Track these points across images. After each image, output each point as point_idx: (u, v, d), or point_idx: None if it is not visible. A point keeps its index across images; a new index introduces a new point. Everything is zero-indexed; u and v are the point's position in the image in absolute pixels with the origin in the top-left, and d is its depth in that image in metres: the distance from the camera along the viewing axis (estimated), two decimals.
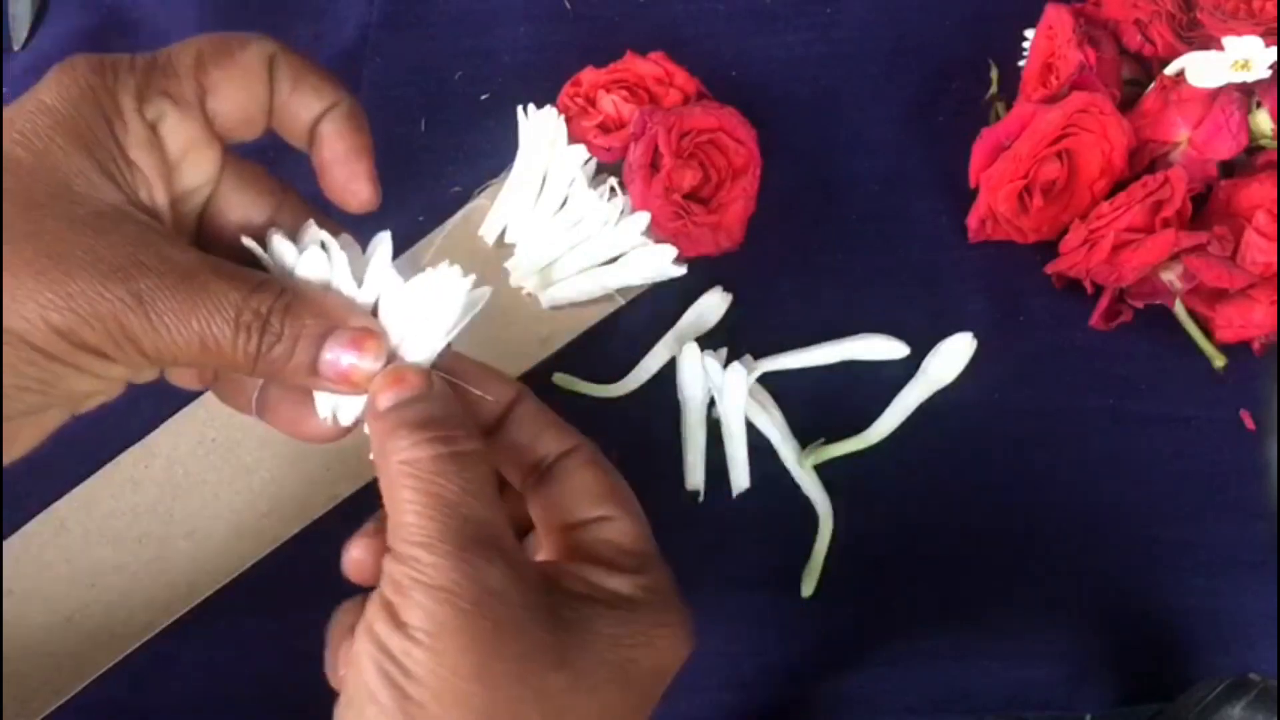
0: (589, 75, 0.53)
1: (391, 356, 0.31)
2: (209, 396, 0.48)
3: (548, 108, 0.48)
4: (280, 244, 0.31)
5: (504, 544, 0.29)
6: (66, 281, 0.27)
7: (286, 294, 0.30)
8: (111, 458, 0.47)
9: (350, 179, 0.32)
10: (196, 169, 0.32)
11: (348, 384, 0.30)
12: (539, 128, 0.46)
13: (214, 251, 0.31)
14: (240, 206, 0.33)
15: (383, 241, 0.31)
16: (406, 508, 0.28)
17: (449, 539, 0.28)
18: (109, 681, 0.43)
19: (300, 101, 0.32)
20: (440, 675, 0.27)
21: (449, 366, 0.32)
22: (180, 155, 0.31)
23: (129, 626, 0.44)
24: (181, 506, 0.46)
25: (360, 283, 0.31)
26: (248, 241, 0.31)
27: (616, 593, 0.30)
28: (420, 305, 0.31)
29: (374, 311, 0.31)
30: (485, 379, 0.33)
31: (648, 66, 0.53)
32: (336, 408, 0.32)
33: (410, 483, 0.29)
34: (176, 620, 0.44)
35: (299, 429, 0.33)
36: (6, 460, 0.31)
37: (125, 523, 0.45)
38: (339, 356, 0.30)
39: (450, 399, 0.31)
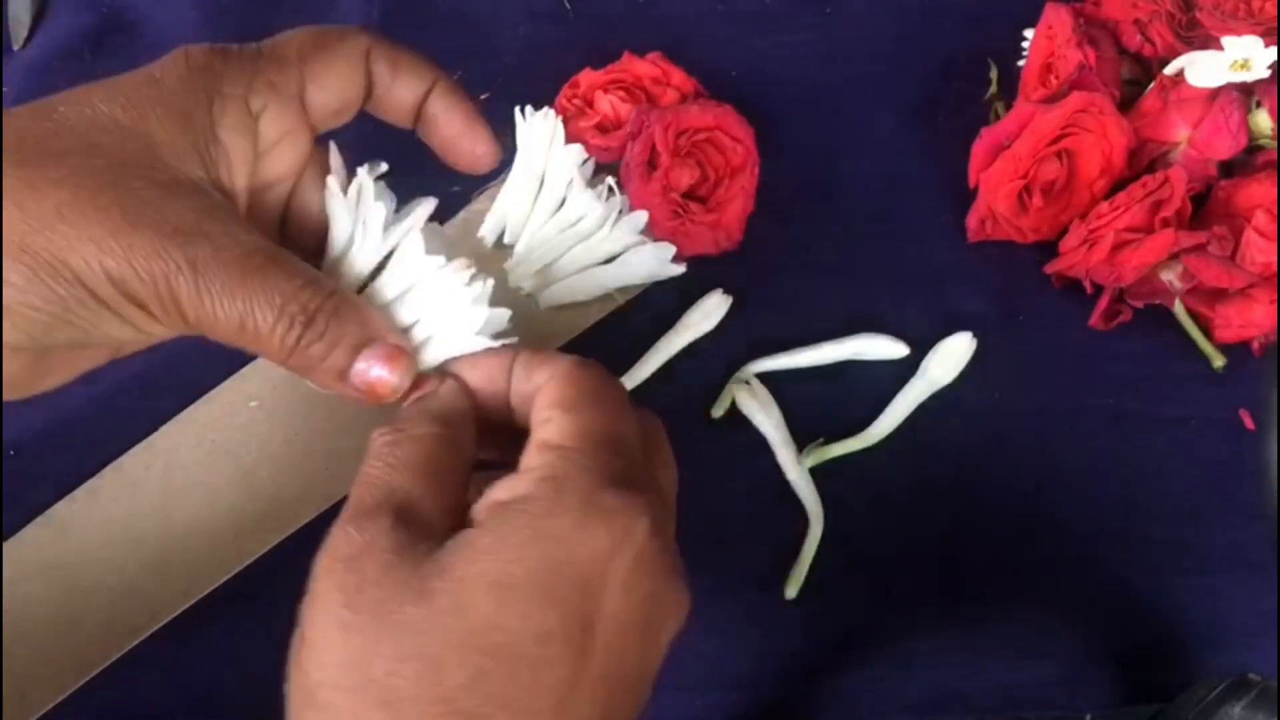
0: (587, 77, 0.53)
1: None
2: (210, 399, 0.48)
3: (545, 109, 0.48)
4: (335, 188, 0.33)
5: (404, 507, 0.29)
6: (129, 233, 0.29)
7: (335, 297, 0.31)
8: (111, 459, 0.47)
9: (475, 145, 0.35)
10: (284, 158, 0.33)
11: (372, 395, 0.32)
12: (536, 129, 0.46)
13: (297, 241, 0.34)
14: (320, 194, 0.34)
15: (422, 206, 0.33)
16: None
17: (349, 508, 0.29)
18: (107, 680, 0.43)
19: (403, 86, 0.34)
20: (314, 628, 0.28)
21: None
22: (272, 144, 0.33)
23: (127, 626, 0.44)
24: (181, 508, 0.46)
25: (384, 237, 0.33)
26: (333, 184, 0.34)
27: (500, 500, 0.29)
28: (442, 303, 0.32)
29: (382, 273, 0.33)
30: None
31: (645, 67, 0.53)
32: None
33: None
34: (174, 619, 0.44)
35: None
36: (40, 389, 0.33)
37: (124, 524, 0.45)
38: (370, 367, 0.31)
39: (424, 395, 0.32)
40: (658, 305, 0.50)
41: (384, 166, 0.34)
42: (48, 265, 0.29)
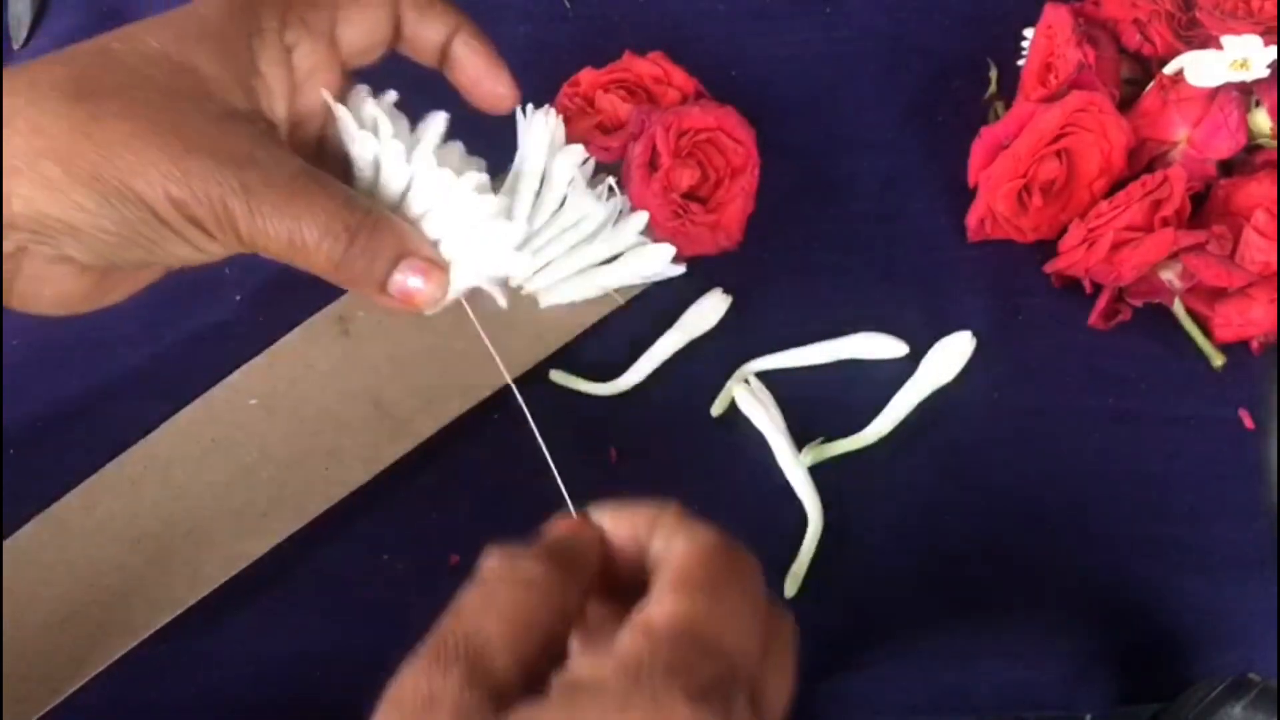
0: (588, 75, 0.53)
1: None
2: (210, 396, 0.48)
3: (545, 107, 0.48)
4: (350, 125, 0.36)
5: (480, 659, 0.28)
6: (188, 160, 0.32)
7: (373, 214, 0.34)
8: (111, 458, 0.47)
9: (495, 86, 0.38)
10: (317, 91, 0.36)
11: (410, 303, 0.35)
12: (537, 128, 0.46)
13: (331, 169, 0.35)
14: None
15: (433, 121, 0.36)
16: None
17: (427, 647, 0.29)
18: (106, 681, 0.43)
19: (429, 29, 0.37)
20: None
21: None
22: (305, 76, 0.36)
23: (127, 626, 0.43)
24: (181, 507, 0.46)
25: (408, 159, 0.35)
26: (328, 99, 0.36)
27: (576, 679, 0.27)
28: (461, 218, 0.35)
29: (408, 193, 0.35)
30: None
31: (646, 66, 0.53)
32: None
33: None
34: (174, 619, 0.44)
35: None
36: (102, 304, 0.36)
37: (124, 522, 0.45)
38: (406, 278, 0.34)
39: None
40: (658, 305, 0.50)
41: (393, 95, 0.37)
42: (116, 191, 0.31)
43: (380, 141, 0.35)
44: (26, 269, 0.34)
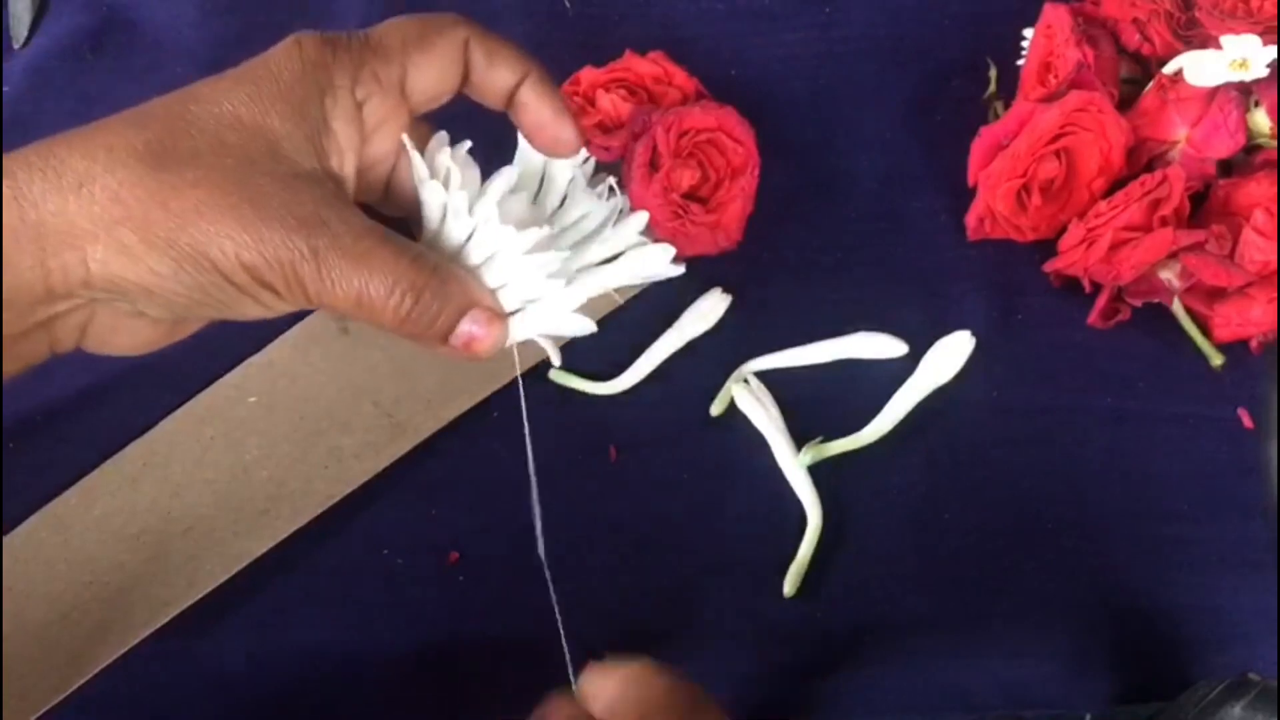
0: (588, 74, 0.53)
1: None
2: (209, 394, 0.48)
3: None
4: (423, 173, 0.37)
5: None
6: (260, 228, 0.33)
7: (440, 271, 0.35)
8: (109, 455, 0.48)
9: (559, 132, 0.38)
10: (386, 139, 0.37)
11: (469, 352, 0.36)
12: None
13: (398, 204, 0.38)
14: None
15: (502, 175, 0.37)
16: None
17: None
18: (106, 678, 0.43)
19: (497, 75, 0.37)
20: None
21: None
22: (375, 128, 0.36)
23: (127, 624, 0.43)
24: (180, 504, 0.46)
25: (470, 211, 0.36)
26: (407, 144, 0.37)
27: None
28: (517, 269, 0.36)
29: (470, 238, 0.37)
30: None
31: (647, 66, 0.53)
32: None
33: None
34: (174, 617, 0.44)
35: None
36: (172, 341, 0.37)
37: (124, 520, 0.45)
38: (471, 329, 0.35)
39: None
40: (657, 304, 0.50)
41: (468, 144, 0.38)
42: (190, 258, 0.33)
43: (448, 191, 0.36)
44: (99, 318, 0.35)
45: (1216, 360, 0.47)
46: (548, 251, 0.36)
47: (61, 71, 0.60)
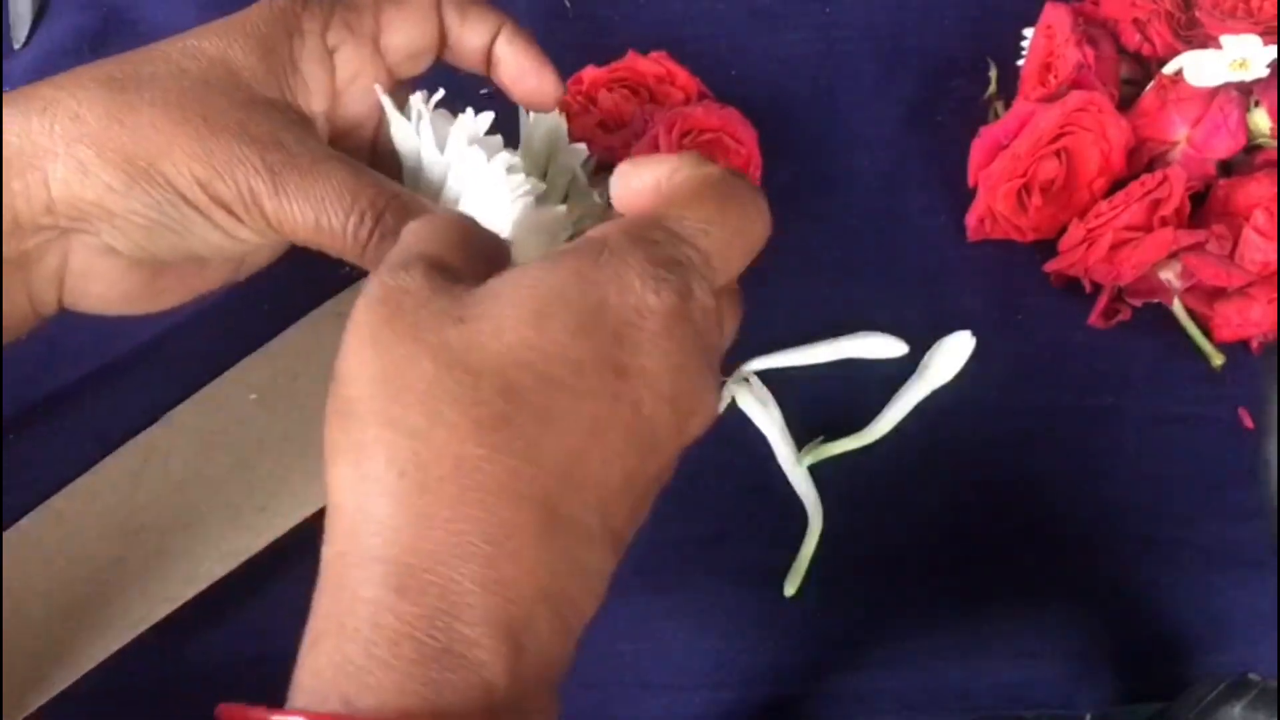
0: (590, 73, 0.53)
1: None
2: (209, 391, 0.48)
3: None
4: (394, 116, 0.37)
5: (437, 263, 0.29)
6: (212, 140, 0.33)
7: (401, 195, 0.34)
8: (107, 449, 0.47)
9: (540, 82, 0.39)
10: (364, 98, 0.37)
11: None
12: (541, 125, 0.46)
13: (384, 169, 0.37)
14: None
15: (470, 112, 0.37)
16: None
17: (379, 268, 0.29)
18: (104, 674, 0.43)
19: (471, 31, 0.38)
20: (350, 355, 0.28)
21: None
22: (349, 80, 0.37)
23: (125, 619, 0.43)
24: (180, 500, 0.46)
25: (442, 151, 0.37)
26: (379, 91, 0.37)
27: (572, 245, 0.29)
28: (490, 199, 0.36)
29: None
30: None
31: (649, 65, 0.53)
32: None
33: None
34: (171, 613, 0.44)
35: None
36: (158, 307, 0.38)
37: (123, 516, 0.45)
38: None
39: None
40: None
41: (441, 93, 0.38)
42: (143, 172, 0.33)
43: (419, 133, 0.36)
44: (73, 263, 0.35)
45: (1217, 360, 0.47)
46: (517, 174, 0.36)
47: (61, 71, 0.60)
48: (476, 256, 0.30)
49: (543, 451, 0.26)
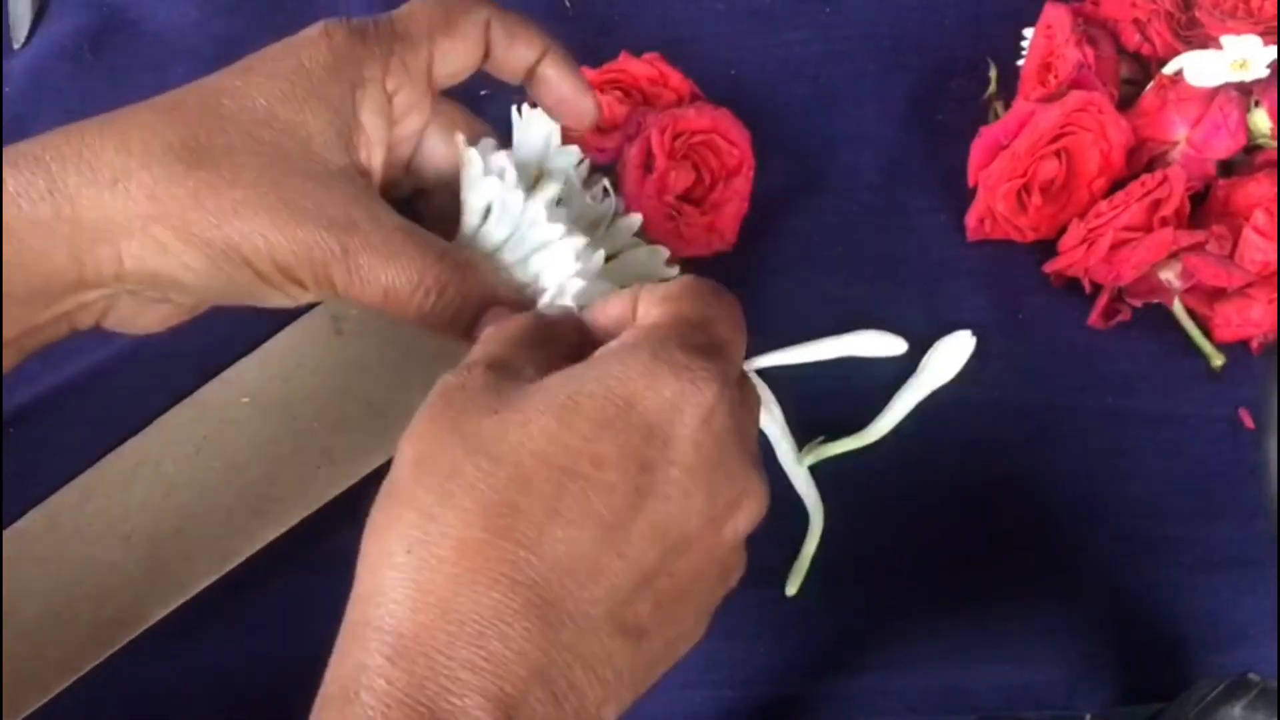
0: (584, 75, 0.53)
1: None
2: (202, 394, 0.48)
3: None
4: (477, 171, 0.38)
5: (501, 364, 0.31)
6: (295, 229, 0.34)
7: (463, 268, 0.36)
8: (97, 454, 0.47)
9: (580, 104, 0.40)
10: (412, 123, 0.38)
11: None
12: (534, 127, 0.46)
13: (420, 176, 0.39)
14: (443, 145, 0.40)
15: (551, 185, 0.39)
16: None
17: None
18: (97, 678, 0.43)
19: (518, 54, 0.39)
20: (404, 440, 0.30)
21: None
22: (403, 115, 0.38)
23: (118, 624, 0.43)
24: (172, 504, 0.45)
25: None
26: (461, 144, 0.38)
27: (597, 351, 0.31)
28: (558, 269, 0.37)
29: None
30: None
31: (642, 68, 0.53)
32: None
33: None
34: (165, 616, 0.44)
35: None
36: (195, 314, 0.38)
37: (116, 519, 0.45)
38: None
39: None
40: None
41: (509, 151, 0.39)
42: (224, 255, 0.34)
43: (505, 189, 0.37)
44: (123, 303, 0.36)
45: (1217, 360, 0.47)
46: (595, 250, 0.37)
47: (61, 71, 0.60)
48: (544, 351, 0.32)
49: (546, 541, 0.28)
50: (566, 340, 0.33)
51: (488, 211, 0.38)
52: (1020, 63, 0.53)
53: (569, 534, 0.28)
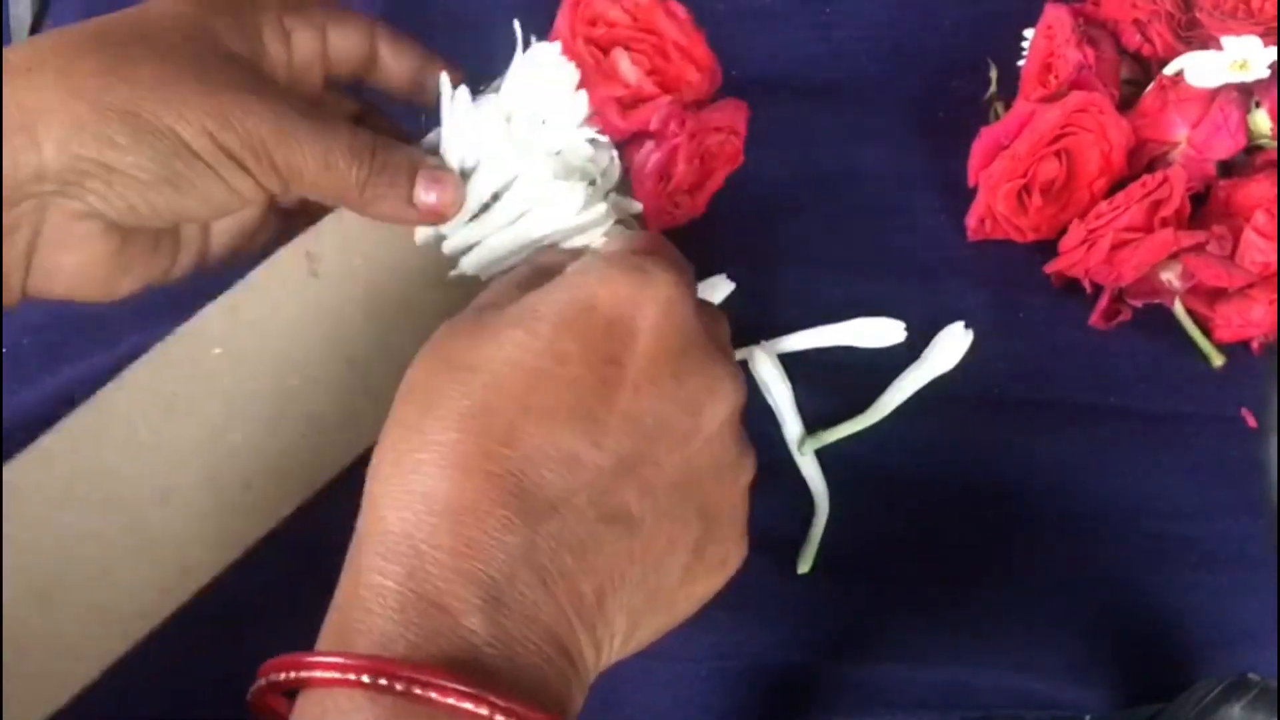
0: (604, 7, 0.45)
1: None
2: (167, 344, 0.40)
3: (555, 44, 0.42)
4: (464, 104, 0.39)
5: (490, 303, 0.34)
6: (223, 96, 0.33)
7: (380, 136, 0.37)
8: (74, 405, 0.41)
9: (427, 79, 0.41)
10: (311, 82, 0.39)
11: (433, 215, 0.38)
12: (544, 67, 0.41)
13: None
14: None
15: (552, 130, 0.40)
16: None
17: None
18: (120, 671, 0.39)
19: (402, 59, 0.41)
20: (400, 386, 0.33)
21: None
22: (303, 66, 0.39)
23: (121, 611, 0.38)
24: (149, 469, 0.39)
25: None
26: (445, 84, 0.39)
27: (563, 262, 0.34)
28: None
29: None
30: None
31: (671, 28, 0.46)
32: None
33: None
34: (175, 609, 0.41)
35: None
36: (117, 294, 0.38)
37: (89, 485, 0.39)
38: (428, 192, 0.37)
39: None
40: None
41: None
42: (151, 126, 0.33)
43: (504, 135, 0.38)
44: (47, 233, 0.34)
45: (1217, 361, 0.47)
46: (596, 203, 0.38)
47: None
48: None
49: (519, 435, 0.30)
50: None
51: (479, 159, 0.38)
52: (1021, 63, 0.53)
53: (542, 427, 0.30)
